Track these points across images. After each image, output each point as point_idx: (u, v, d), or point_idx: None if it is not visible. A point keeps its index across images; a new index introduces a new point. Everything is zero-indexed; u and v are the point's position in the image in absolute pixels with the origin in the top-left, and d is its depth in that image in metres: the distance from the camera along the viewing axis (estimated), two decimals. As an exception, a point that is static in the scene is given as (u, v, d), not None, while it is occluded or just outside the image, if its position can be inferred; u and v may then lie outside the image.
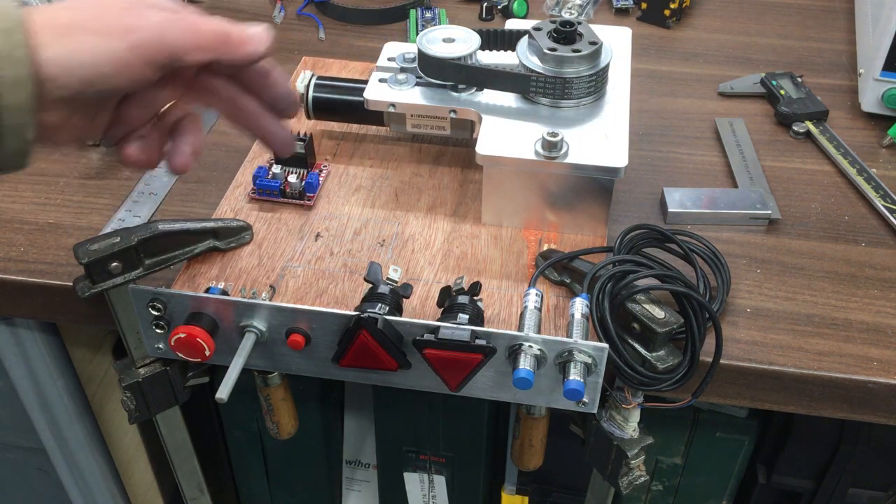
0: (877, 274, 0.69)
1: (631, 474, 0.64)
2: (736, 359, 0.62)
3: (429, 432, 0.88)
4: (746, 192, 0.75)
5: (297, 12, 1.02)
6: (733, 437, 0.84)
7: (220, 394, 0.54)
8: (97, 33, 0.45)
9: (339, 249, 0.68)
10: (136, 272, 0.61)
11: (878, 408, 0.62)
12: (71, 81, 0.45)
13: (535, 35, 0.68)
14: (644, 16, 1.01)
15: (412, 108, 0.71)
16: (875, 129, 0.84)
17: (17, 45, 0.43)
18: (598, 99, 0.70)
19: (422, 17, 0.99)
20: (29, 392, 0.81)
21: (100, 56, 0.45)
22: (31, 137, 0.45)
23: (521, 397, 0.59)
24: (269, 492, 1.01)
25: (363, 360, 0.57)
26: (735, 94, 0.89)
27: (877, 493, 0.85)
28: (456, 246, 0.69)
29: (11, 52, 0.42)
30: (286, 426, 0.71)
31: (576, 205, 0.68)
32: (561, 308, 0.63)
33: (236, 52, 0.50)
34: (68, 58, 0.44)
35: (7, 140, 0.44)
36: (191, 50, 0.48)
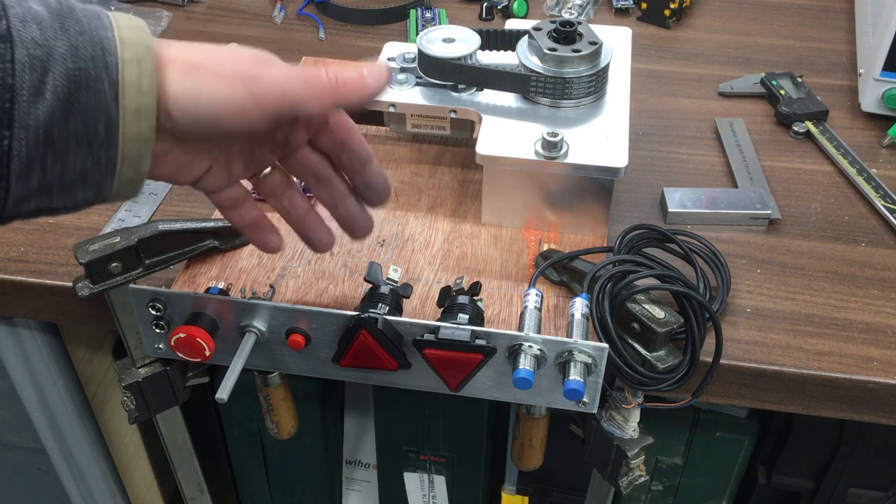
0: (877, 274, 0.69)
1: (631, 474, 0.64)
2: (736, 359, 0.62)
3: (429, 432, 0.88)
4: (746, 192, 0.75)
5: (297, 12, 1.02)
6: (733, 437, 0.84)
7: (220, 394, 0.54)
8: (223, 77, 0.45)
9: (339, 249, 0.68)
10: (136, 272, 0.61)
11: (878, 408, 0.62)
12: (185, 119, 0.45)
13: (535, 35, 0.68)
14: (644, 16, 1.01)
15: (412, 108, 0.71)
16: (875, 129, 0.84)
17: (147, 74, 0.43)
18: (598, 99, 0.70)
19: (422, 17, 0.99)
20: (29, 392, 0.81)
21: (220, 99, 0.45)
22: (147, 168, 0.45)
23: (521, 397, 0.59)
24: (269, 492, 1.01)
25: (363, 360, 0.57)
26: (735, 94, 0.89)
27: (877, 493, 0.85)
28: (456, 246, 0.69)
29: (140, 82, 0.42)
30: (286, 426, 0.71)
31: (576, 205, 0.68)
32: (561, 308, 0.63)
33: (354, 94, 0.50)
34: (190, 95, 0.44)
35: (124, 169, 0.44)
36: (311, 99, 0.47)
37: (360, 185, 0.55)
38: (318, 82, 0.47)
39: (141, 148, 0.44)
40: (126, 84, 0.42)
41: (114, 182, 0.44)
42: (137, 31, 0.43)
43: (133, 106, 0.42)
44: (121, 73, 0.42)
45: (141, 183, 0.46)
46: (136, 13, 0.98)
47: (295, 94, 0.46)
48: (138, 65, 0.42)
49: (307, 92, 0.47)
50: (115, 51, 0.42)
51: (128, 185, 0.45)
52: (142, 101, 0.43)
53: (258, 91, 0.45)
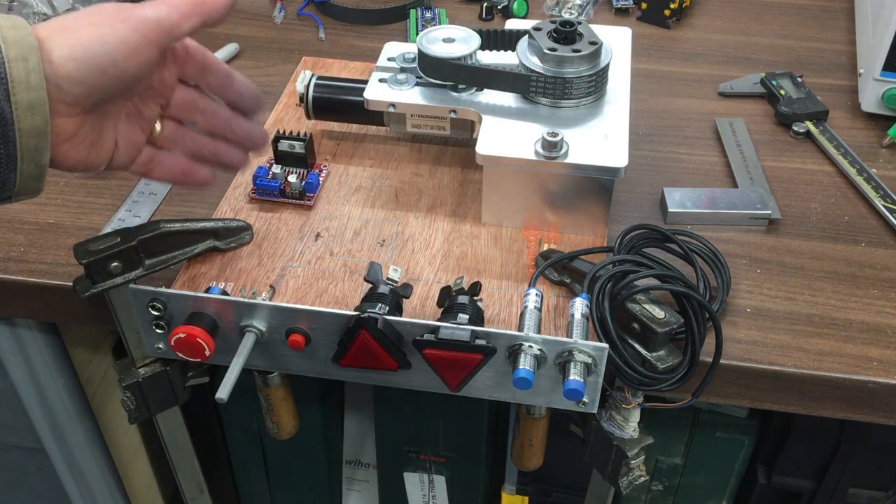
0: (877, 274, 0.69)
1: (631, 474, 0.64)
2: (736, 359, 0.62)
3: (429, 432, 0.88)
4: (746, 192, 0.75)
5: (297, 12, 1.02)
6: (733, 437, 0.84)
7: (220, 394, 0.54)
8: (100, 24, 0.48)
9: (339, 249, 0.68)
10: (136, 272, 0.61)
11: (878, 408, 0.62)
12: (87, 72, 0.47)
13: (535, 35, 0.68)
14: (644, 16, 1.01)
15: (412, 108, 0.71)
16: (875, 129, 0.84)
17: (34, 69, 0.45)
18: (598, 99, 0.70)
19: (422, 17, 0.99)
20: (29, 392, 0.81)
21: (108, 41, 0.48)
22: (47, 161, 0.47)
23: (521, 397, 0.59)
24: (269, 492, 1.01)
25: (363, 360, 0.57)
26: (735, 94, 0.89)
27: (877, 493, 0.85)
28: (456, 246, 0.69)
29: (28, 78, 0.44)
30: (286, 426, 0.71)
31: (576, 205, 0.68)
32: (561, 308, 0.63)
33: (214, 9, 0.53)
34: (79, 49, 0.47)
35: (24, 164, 0.46)
36: (182, 20, 0.51)
37: (235, 99, 0.58)
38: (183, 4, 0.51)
39: (39, 140, 0.46)
40: (15, 81, 0.44)
41: (16, 179, 0.46)
42: (19, 29, 0.45)
43: (25, 101, 0.45)
44: (8, 71, 0.44)
45: (43, 178, 0.48)
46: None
47: (168, 20, 0.50)
48: (24, 62, 0.44)
49: (177, 15, 0.51)
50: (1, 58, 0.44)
51: (30, 181, 0.47)
52: (33, 95, 0.45)
53: (140, 25, 0.49)
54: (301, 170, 0.74)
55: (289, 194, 0.72)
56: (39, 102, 0.45)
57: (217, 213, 0.71)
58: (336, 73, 0.87)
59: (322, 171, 0.75)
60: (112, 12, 0.49)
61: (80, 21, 0.48)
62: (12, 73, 0.44)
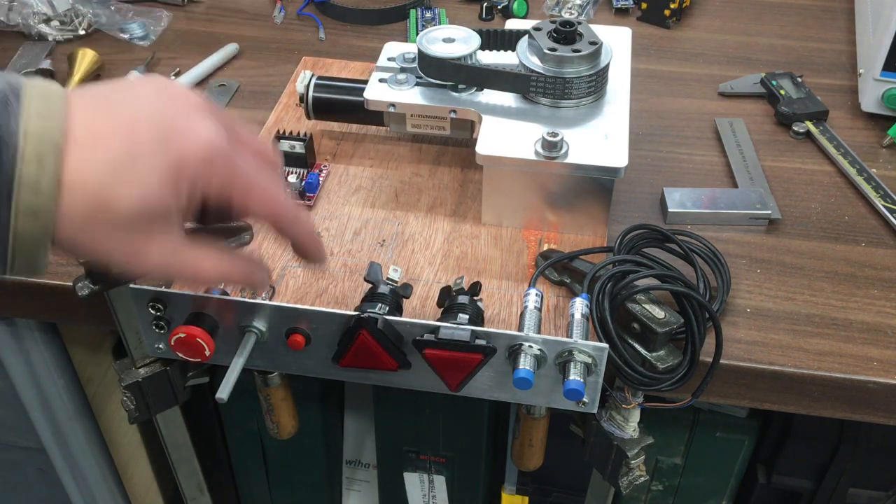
0: (877, 274, 0.69)
1: (631, 474, 0.64)
2: (736, 359, 0.62)
3: (429, 432, 0.88)
4: (746, 192, 0.75)
5: (297, 12, 1.02)
6: (733, 437, 0.84)
7: (220, 394, 0.54)
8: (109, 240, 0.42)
9: (339, 249, 0.68)
10: (136, 272, 0.61)
11: (878, 408, 0.62)
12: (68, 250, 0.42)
13: (535, 35, 0.68)
14: (644, 16, 1.01)
15: (412, 108, 0.71)
16: (875, 129, 0.84)
17: (47, 175, 0.39)
18: (598, 99, 0.70)
19: (422, 17, 0.99)
20: (29, 392, 0.81)
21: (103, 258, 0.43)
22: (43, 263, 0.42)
23: (521, 397, 0.59)
24: (269, 492, 1.01)
25: (363, 360, 0.57)
26: (735, 94, 0.89)
27: (877, 493, 0.85)
28: (456, 246, 0.69)
29: (38, 182, 0.39)
30: (286, 426, 0.71)
31: (576, 205, 0.68)
32: (561, 308, 0.63)
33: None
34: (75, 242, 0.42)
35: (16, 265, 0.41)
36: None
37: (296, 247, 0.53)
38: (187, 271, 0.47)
39: (35, 249, 0.41)
40: (22, 182, 0.38)
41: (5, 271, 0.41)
42: (48, 119, 0.39)
43: (28, 206, 0.39)
44: (17, 170, 0.38)
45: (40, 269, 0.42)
46: (135, 13, 0.98)
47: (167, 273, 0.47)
48: (39, 163, 0.39)
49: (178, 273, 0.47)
50: (14, 143, 0.38)
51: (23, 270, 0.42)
52: (39, 201, 0.39)
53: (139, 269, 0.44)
54: (301, 170, 0.74)
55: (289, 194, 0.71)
56: (44, 211, 0.39)
57: (217, 213, 0.71)
58: (336, 73, 0.87)
59: (322, 171, 0.75)
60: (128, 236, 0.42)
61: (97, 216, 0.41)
62: (22, 173, 0.38)
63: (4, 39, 0.94)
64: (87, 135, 0.41)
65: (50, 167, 0.39)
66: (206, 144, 0.43)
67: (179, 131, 0.43)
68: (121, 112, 0.42)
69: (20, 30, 0.95)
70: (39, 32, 0.94)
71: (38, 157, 0.39)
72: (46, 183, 0.39)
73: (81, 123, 0.41)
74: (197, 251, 0.47)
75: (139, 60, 0.91)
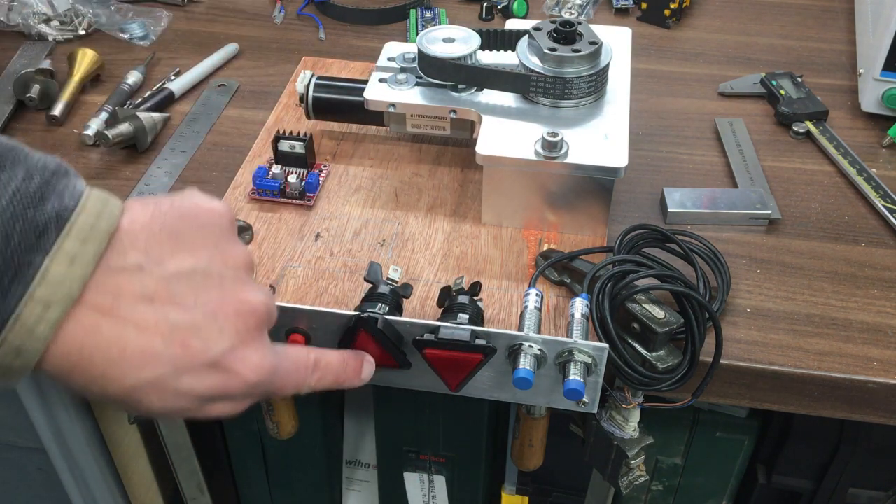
0: (877, 274, 0.69)
1: (631, 474, 0.64)
2: (736, 359, 0.62)
3: (429, 432, 0.88)
4: (746, 192, 0.75)
5: (297, 12, 1.02)
6: (733, 437, 0.84)
7: (220, 394, 0.54)
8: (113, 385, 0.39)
9: (339, 249, 0.68)
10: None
11: (878, 408, 0.62)
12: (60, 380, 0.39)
13: (535, 35, 0.68)
14: (644, 16, 1.01)
15: (412, 108, 0.71)
16: (875, 129, 0.84)
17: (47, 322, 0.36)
18: (598, 99, 0.70)
19: (422, 17, 0.99)
20: (29, 392, 0.81)
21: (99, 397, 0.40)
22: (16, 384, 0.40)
23: (521, 397, 0.59)
24: (269, 492, 1.01)
25: (363, 360, 0.57)
26: (735, 94, 0.89)
27: (877, 493, 0.85)
28: (456, 246, 0.69)
29: (35, 327, 0.36)
30: (286, 426, 0.71)
31: (576, 205, 0.68)
32: (561, 308, 0.63)
33: None
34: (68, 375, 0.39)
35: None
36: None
37: None
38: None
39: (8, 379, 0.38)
40: (19, 321, 0.36)
41: None
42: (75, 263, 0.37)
43: (15, 344, 0.36)
44: (19, 306, 0.36)
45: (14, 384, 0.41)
46: (135, 13, 0.98)
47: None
48: (44, 308, 0.36)
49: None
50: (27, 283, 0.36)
51: None
52: (28, 343, 0.36)
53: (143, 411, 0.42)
54: (301, 170, 0.74)
55: (289, 194, 0.72)
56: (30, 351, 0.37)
57: (217, 213, 0.71)
58: (336, 73, 0.87)
59: (322, 171, 0.75)
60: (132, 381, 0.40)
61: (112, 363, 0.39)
62: (23, 313, 0.36)
63: (4, 39, 0.94)
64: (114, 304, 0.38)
65: (53, 315, 0.37)
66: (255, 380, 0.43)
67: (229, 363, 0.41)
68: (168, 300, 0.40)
69: (20, 30, 0.95)
70: (39, 32, 0.94)
71: (45, 302, 0.36)
72: (42, 330, 0.37)
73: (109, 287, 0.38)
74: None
75: (139, 60, 0.91)
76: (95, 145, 0.79)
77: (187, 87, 0.87)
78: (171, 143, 0.80)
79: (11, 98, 0.84)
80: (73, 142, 0.81)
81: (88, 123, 0.80)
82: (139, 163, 0.78)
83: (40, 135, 0.81)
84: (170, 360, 0.39)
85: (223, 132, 0.82)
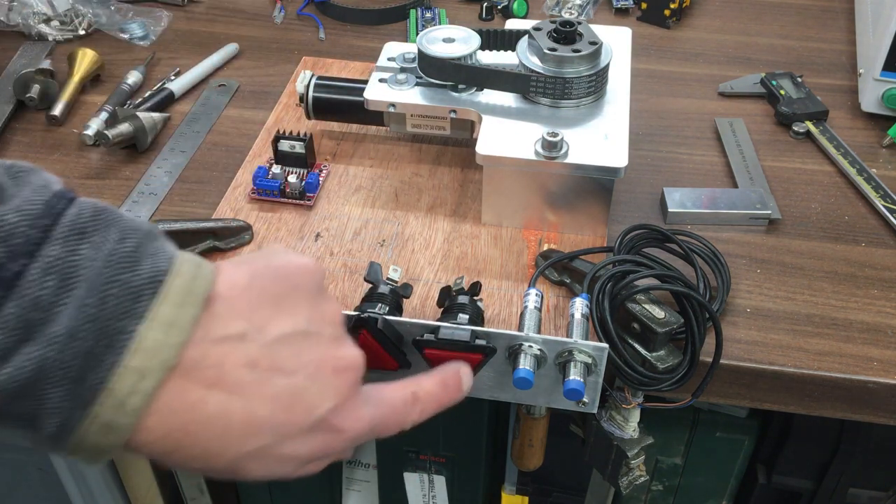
0: (877, 274, 0.69)
1: (631, 474, 0.64)
2: (736, 359, 0.62)
3: (429, 432, 0.88)
4: (746, 192, 0.75)
5: (297, 12, 1.02)
6: (733, 437, 0.84)
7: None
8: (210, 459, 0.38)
9: (339, 249, 0.68)
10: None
11: (878, 408, 0.62)
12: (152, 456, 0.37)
13: (535, 35, 0.68)
14: (644, 16, 1.01)
15: (412, 108, 0.71)
16: (875, 129, 0.84)
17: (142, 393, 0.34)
18: (598, 99, 0.70)
19: (422, 17, 0.99)
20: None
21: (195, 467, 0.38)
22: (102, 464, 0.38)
23: (521, 397, 0.59)
24: (269, 492, 1.01)
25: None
26: (735, 94, 0.89)
27: (877, 493, 0.85)
28: (456, 246, 0.69)
29: (128, 399, 0.34)
30: (286, 426, 0.71)
31: (576, 205, 0.68)
32: (561, 308, 0.63)
33: None
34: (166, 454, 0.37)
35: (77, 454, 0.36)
36: None
37: None
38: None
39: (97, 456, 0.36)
40: (111, 392, 0.34)
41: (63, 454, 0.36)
42: (171, 330, 0.35)
43: (105, 419, 0.34)
44: (112, 378, 0.34)
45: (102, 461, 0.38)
46: (135, 13, 0.98)
47: None
48: (139, 377, 0.34)
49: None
50: (121, 350, 0.34)
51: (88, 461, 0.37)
52: (120, 419, 0.34)
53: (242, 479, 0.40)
54: (301, 170, 0.74)
55: (289, 194, 0.72)
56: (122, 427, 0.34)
57: (217, 213, 0.71)
58: (336, 73, 0.87)
59: (322, 171, 0.75)
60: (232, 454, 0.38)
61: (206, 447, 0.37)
62: (116, 384, 0.34)
63: (4, 39, 0.94)
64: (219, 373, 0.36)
65: (148, 385, 0.34)
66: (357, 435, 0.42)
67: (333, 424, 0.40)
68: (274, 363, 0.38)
69: (20, 30, 0.95)
70: (39, 32, 0.94)
71: (141, 372, 0.34)
72: (136, 402, 0.34)
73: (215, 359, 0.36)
74: None
75: (139, 60, 0.91)
76: (95, 145, 0.79)
77: (187, 87, 0.87)
78: (171, 143, 0.80)
79: (11, 98, 0.84)
80: (73, 142, 0.81)
81: (88, 123, 0.80)
82: (139, 163, 0.78)
83: (40, 135, 0.82)
84: (274, 428, 0.38)
85: (223, 132, 0.82)
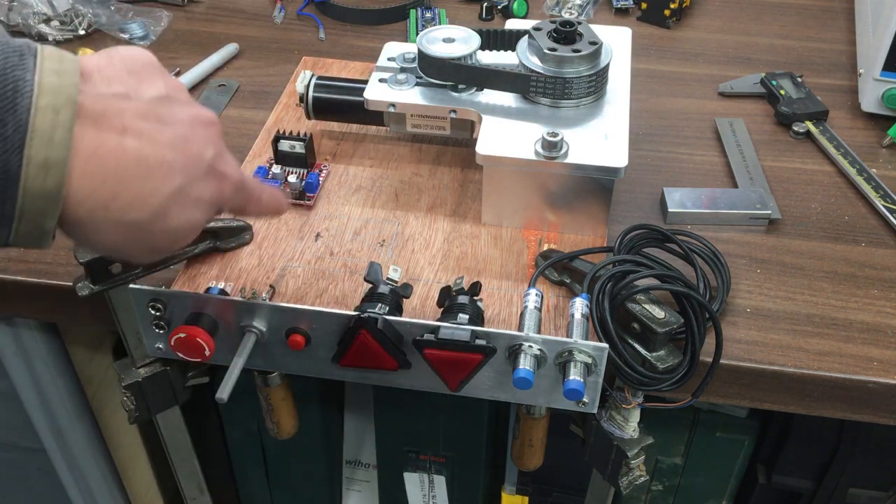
0: (877, 274, 0.69)
1: (631, 474, 0.64)
2: (736, 359, 0.62)
3: (429, 432, 0.88)
4: (746, 192, 0.75)
5: (297, 12, 1.02)
6: (733, 437, 0.84)
7: (220, 394, 0.54)
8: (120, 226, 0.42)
9: (339, 249, 0.68)
10: (136, 272, 0.61)
11: (878, 408, 0.62)
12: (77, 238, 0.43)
13: (535, 35, 0.68)
14: (644, 16, 1.01)
15: (412, 108, 0.71)
16: (875, 129, 0.84)
17: (62, 126, 0.38)
18: (598, 99, 0.70)
19: (422, 17, 0.99)
20: (29, 392, 0.81)
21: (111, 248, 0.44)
22: (51, 226, 0.40)
23: (521, 397, 0.59)
24: (269, 492, 1.01)
25: (363, 360, 0.57)
26: (735, 94, 0.89)
27: (877, 493, 0.85)
28: (456, 246, 0.69)
29: (52, 133, 0.38)
30: (286, 426, 0.71)
31: (576, 205, 0.68)
32: (561, 308, 0.63)
33: None
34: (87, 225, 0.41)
35: (21, 224, 0.39)
36: None
37: None
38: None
39: (46, 206, 0.39)
40: (35, 132, 0.38)
41: (10, 235, 0.40)
42: (62, 76, 0.39)
43: (40, 157, 0.38)
44: (31, 118, 0.37)
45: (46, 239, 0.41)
46: (135, 13, 0.98)
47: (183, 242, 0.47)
48: (54, 113, 0.38)
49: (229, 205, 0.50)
50: (28, 93, 0.38)
51: (29, 239, 0.40)
52: (52, 153, 0.38)
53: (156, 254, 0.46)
54: (301, 170, 0.74)
55: (289, 194, 0.72)
56: (57, 163, 0.38)
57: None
58: (336, 73, 0.87)
59: (322, 171, 0.75)
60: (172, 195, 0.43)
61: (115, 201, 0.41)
62: (35, 122, 0.37)
63: (4, 39, 0.94)
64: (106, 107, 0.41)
65: (65, 118, 0.38)
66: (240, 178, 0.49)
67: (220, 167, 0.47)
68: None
69: (20, 30, 0.95)
70: (39, 32, 0.94)
71: (53, 107, 0.38)
72: (60, 135, 0.38)
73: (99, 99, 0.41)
74: None
75: (139, 60, 0.91)
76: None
77: (187, 86, 0.87)
78: (171, 143, 0.80)
79: (11, 98, 0.84)
80: (73, 142, 0.81)
81: (88, 123, 0.80)
82: (139, 163, 0.78)
83: (40, 135, 0.81)
84: (182, 169, 0.43)
85: (223, 132, 0.82)
